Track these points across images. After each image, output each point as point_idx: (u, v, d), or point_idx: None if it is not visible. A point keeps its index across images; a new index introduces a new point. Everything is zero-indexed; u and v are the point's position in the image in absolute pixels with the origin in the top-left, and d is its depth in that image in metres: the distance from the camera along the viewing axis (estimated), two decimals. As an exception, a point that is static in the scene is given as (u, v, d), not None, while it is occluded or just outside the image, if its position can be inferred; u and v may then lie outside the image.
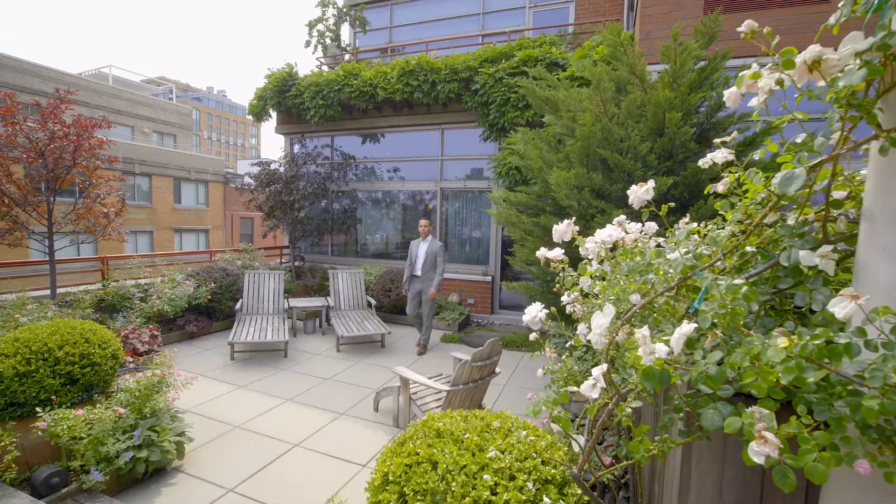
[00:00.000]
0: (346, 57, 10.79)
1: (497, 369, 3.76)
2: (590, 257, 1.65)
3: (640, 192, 1.40)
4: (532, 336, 2.33)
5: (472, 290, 8.32)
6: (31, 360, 2.94)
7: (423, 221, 6.11)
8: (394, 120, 8.84)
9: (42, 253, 5.30)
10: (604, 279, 1.90)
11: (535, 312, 1.51)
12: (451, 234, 8.89)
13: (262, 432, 3.91)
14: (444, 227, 8.85)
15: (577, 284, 1.93)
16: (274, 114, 9.63)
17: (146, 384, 3.26)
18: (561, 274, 2.08)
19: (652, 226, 1.96)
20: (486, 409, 1.94)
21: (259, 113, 9.24)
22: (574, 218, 1.74)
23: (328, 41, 10.76)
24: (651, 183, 1.38)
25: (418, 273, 6.01)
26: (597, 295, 1.96)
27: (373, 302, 7.27)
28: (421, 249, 6.06)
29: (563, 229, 1.66)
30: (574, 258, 2.06)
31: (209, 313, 7.14)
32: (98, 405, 3.09)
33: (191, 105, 48.85)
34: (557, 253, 1.79)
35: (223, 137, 71.03)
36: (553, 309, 1.80)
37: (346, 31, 11.55)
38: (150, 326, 5.60)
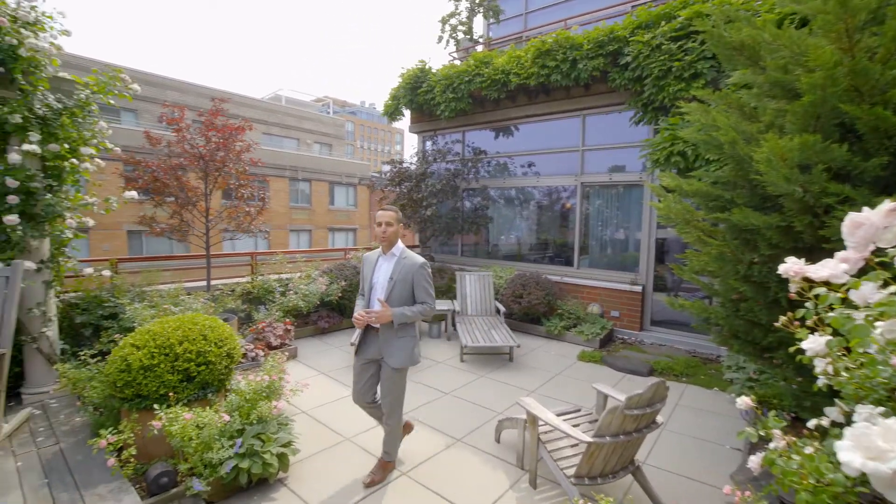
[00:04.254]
0: (479, 48, 10.34)
1: (658, 417, 2.76)
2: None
3: None
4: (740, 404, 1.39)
5: (617, 301, 7.09)
6: (154, 355, 2.96)
7: (382, 214, 3.02)
8: (528, 109, 8.06)
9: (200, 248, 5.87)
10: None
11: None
12: (591, 235, 7.76)
13: (371, 450, 3.54)
14: (585, 228, 7.76)
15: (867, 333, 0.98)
16: (407, 113, 9.63)
17: (254, 389, 3.10)
18: (810, 305, 1.13)
19: None
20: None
21: (393, 112, 9.30)
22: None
23: (460, 35, 10.45)
24: None
25: (374, 312, 2.91)
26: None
27: (502, 308, 6.61)
28: (381, 271, 3.04)
29: (881, 220, 0.75)
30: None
31: (341, 310, 7.29)
32: (210, 406, 3.01)
33: (346, 118, 54.61)
34: (836, 270, 0.88)
35: (372, 145, 78.10)
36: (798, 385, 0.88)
37: (478, 24, 11.14)
38: (286, 320, 5.80)
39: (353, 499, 2.94)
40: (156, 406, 2.84)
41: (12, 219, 3.31)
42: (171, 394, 2.94)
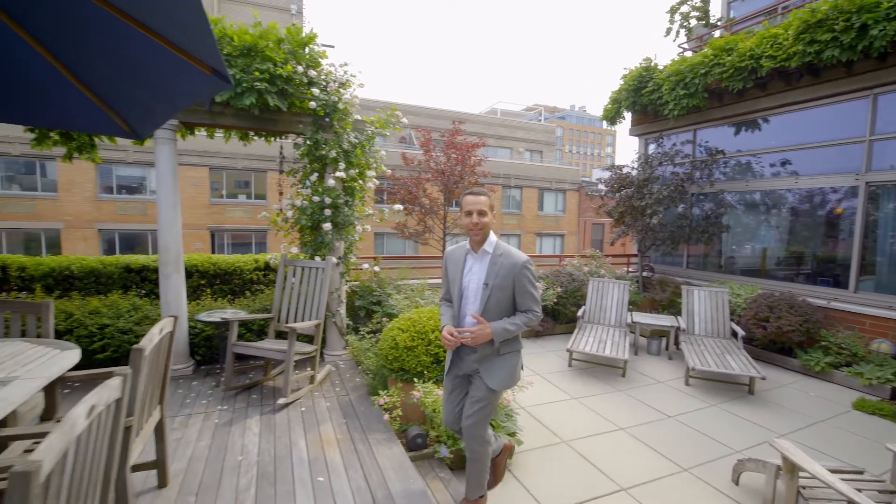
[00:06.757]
0: (717, 34, 9.09)
1: None
2: None
3: None
4: None
5: (925, 340, 5.29)
6: (414, 338, 3.67)
7: (472, 200, 2.40)
8: (784, 97, 6.71)
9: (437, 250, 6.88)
10: None
11: None
12: (879, 249, 5.99)
13: (588, 458, 3.59)
14: (867, 240, 6.04)
15: None
16: (628, 115, 9.18)
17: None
18: None
19: None
20: None
21: (613, 117, 8.99)
22: None
23: (693, 22, 9.38)
24: None
25: (468, 332, 2.37)
26: None
27: (740, 332, 5.72)
28: (472, 274, 2.48)
29: None
30: None
31: (554, 315, 7.46)
32: (452, 388, 3.55)
33: (555, 124, 54.81)
34: None
35: (581, 149, 76.26)
36: None
37: (716, 6, 9.79)
38: (504, 321, 6.30)
39: (571, 501, 3.05)
40: (415, 380, 3.54)
41: (327, 226, 4.61)
42: (424, 372, 3.60)
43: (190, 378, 4.46)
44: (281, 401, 3.84)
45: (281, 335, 4.67)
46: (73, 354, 2.34)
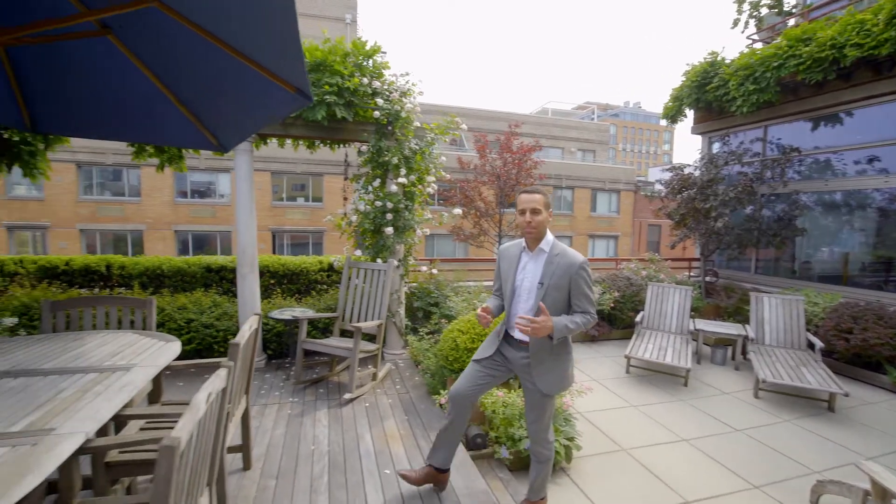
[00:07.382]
0: (791, 22, 8.50)
1: None
2: None
3: None
4: None
5: None
6: (474, 339, 3.76)
7: (527, 198, 2.34)
8: (872, 88, 6.19)
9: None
10: None
11: None
12: None
13: (650, 468, 3.51)
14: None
15: None
16: (690, 113, 8.79)
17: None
18: None
19: None
20: None
21: (674, 115, 8.65)
22: None
23: (764, 11, 8.83)
24: None
25: (529, 319, 2.23)
26: None
27: (818, 343, 5.34)
28: (526, 272, 2.45)
29: None
30: None
31: (610, 320, 7.30)
32: (513, 391, 3.61)
33: (609, 122, 53.13)
34: None
35: (636, 147, 73.38)
36: None
37: (793, -8, 9.14)
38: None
39: (636, 508, 3.02)
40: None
41: (389, 230, 4.81)
42: (483, 372, 3.68)
43: (263, 371, 4.80)
44: (346, 396, 4.06)
45: (345, 333, 4.92)
46: (176, 346, 2.64)
